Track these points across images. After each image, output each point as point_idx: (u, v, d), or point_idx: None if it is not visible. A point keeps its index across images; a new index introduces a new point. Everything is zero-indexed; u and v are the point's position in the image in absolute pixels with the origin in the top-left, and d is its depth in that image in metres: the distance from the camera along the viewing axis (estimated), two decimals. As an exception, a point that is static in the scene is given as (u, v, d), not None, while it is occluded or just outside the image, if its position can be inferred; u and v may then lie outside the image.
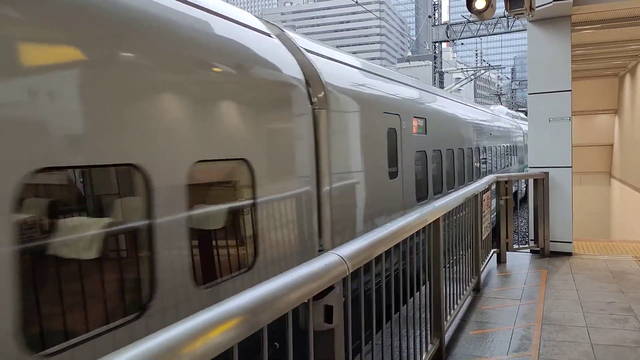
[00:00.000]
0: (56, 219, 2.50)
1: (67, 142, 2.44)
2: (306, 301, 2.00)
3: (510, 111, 29.03)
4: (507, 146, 19.46)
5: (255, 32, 4.41)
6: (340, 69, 5.89)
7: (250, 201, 3.86)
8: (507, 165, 19.62)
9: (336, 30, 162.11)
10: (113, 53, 2.73)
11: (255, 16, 4.88)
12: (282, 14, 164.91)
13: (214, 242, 3.59)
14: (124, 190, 2.90)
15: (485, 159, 14.45)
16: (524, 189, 21.04)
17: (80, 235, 2.56)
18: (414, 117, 7.89)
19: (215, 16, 3.88)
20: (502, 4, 7.17)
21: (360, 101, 5.97)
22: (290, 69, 4.65)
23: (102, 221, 2.71)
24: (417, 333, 3.63)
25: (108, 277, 2.67)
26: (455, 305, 4.80)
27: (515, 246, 7.98)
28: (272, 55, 4.45)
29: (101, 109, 2.61)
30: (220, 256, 3.59)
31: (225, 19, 4.03)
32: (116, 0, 2.88)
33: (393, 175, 6.88)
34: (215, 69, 3.61)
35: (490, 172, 14.63)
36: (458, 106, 11.88)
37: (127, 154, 2.74)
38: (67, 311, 2.43)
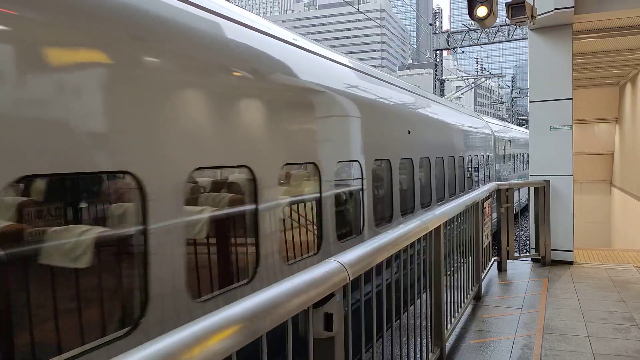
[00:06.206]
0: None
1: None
2: (306, 309, 1.98)
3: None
4: None
5: None
6: None
7: None
8: None
9: (337, 38, 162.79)
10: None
11: None
12: (284, 21, 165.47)
13: None
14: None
15: None
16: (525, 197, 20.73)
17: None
18: None
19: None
20: (504, 12, 7.18)
21: None
22: None
23: None
24: (418, 341, 3.60)
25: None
26: (456, 314, 4.77)
27: (516, 254, 7.95)
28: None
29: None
30: None
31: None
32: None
33: None
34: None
35: None
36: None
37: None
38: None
